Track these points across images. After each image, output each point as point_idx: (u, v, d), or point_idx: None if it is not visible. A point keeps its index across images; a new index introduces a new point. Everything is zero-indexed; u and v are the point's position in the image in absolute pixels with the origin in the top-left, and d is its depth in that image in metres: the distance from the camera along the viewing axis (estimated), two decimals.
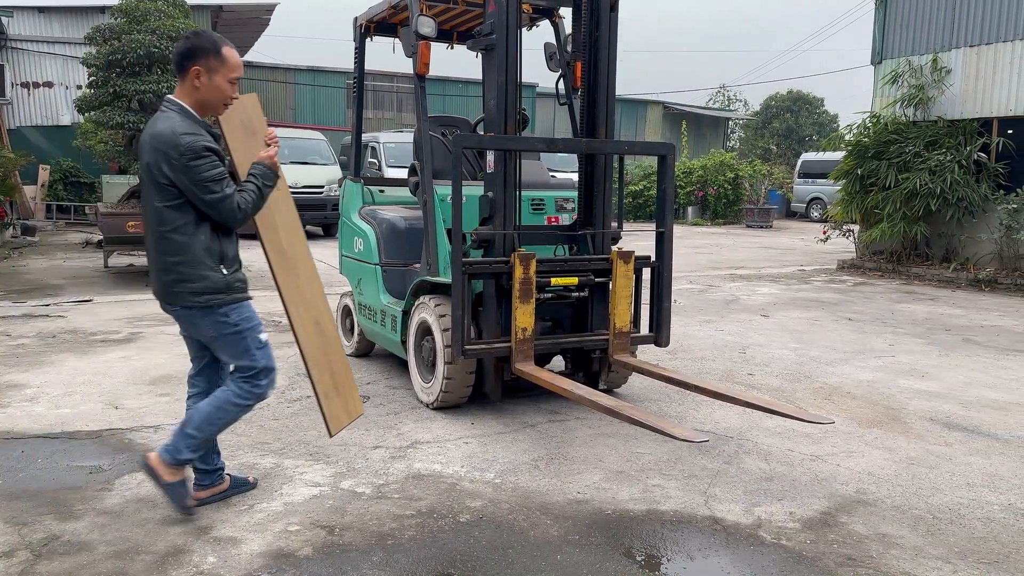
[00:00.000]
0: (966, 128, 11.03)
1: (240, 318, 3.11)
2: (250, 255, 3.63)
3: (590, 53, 4.61)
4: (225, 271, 3.08)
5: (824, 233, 13.21)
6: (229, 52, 3.08)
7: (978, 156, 10.87)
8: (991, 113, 10.92)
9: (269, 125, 3.46)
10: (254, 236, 3.29)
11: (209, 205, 2.99)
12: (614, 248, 4.61)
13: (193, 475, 3.35)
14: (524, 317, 4.23)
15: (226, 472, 3.47)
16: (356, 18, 5.80)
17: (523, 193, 4.63)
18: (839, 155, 13.18)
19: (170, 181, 2.96)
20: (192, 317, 3.11)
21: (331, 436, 3.56)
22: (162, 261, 3.06)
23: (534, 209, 5.07)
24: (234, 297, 3.10)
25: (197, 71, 3.02)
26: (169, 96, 3.12)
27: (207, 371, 3.39)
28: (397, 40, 5.23)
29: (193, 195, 2.97)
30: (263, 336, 3.20)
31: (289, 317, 3.36)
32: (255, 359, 3.15)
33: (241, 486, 3.49)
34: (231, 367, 3.25)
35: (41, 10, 18.99)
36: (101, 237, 10.84)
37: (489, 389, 4.58)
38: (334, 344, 3.59)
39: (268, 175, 3.14)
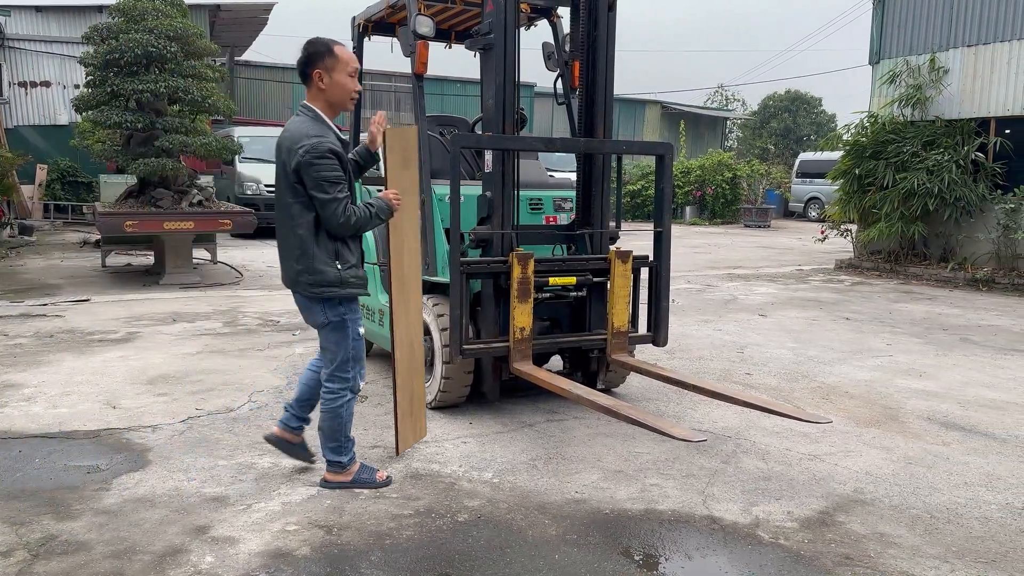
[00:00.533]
0: (964, 128, 11.04)
1: (348, 308, 3.42)
2: (248, 254, 3.79)
3: (588, 53, 4.61)
4: (340, 267, 3.34)
5: (822, 233, 13.22)
6: (340, 49, 3.35)
7: (976, 156, 10.89)
8: (989, 113, 10.94)
9: (267, 126, 3.63)
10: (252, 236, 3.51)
11: (320, 204, 3.22)
12: (612, 248, 4.61)
13: (284, 414, 3.70)
14: (522, 317, 4.23)
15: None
16: (354, 17, 5.79)
17: (521, 193, 4.63)
18: (837, 155, 13.19)
19: (298, 179, 3.23)
20: (308, 303, 3.41)
21: (398, 454, 3.83)
22: (290, 252, 3.37)
23: (532, 209, 5.07)
24: (347, 292, 3.37)
25: (319, 74, 3.31)
26: (304, 102, 3.40)
27: None
28: (395, 40, 5.22)
29: (311, 192, 3.22)
30: (361, 330, 3.50)
31: (393, 337, 3.72)
32: (348, 348, 3.44)
33: (304, 453, 3.76)
34: (321, 373, 3.55)
35: (39, 9, 18.95)
36: (99, 237, 10.84)
37: (487, 389, 4.58)
38: (419, 368, 3.95)
39: (384, 210, 3.43)
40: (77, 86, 17.20)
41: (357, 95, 3.43)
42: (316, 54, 3.30)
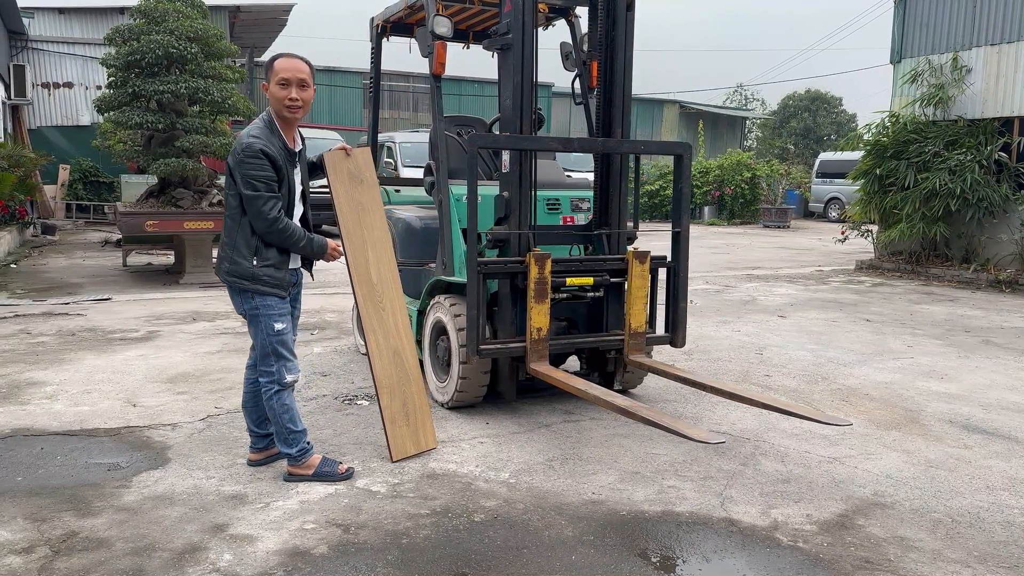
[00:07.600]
0: (986, 127, 10.92)
1: (260, 303, 3.50)
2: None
3: (606, 52, 4.60)
4: (256, 262, 3.46)
5: (842, 233, 13.11)
6: (280, 61, 3.49)
7: (999, 156, 10.77)
8: (1012, 112, 10.80)
9: None
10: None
11: (246, 200, 3.39)
12: (630, 248, 4.60)
13: (250, 440, 3.83)
14: (539, 317, 4.22)
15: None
16: (372, 18, 5.81)
17: (538, 193, 4.62)
18: (857, 155, 13.08)
19: (230, 172, 3.44)
20: (231, 293, 3.58)
21: (392, 460, 3.84)
22: (221, 239, 3.58)
23: (549, 209, 5.07)
24: (255, 288, 3.48)
25: (264, 85, 3.52)
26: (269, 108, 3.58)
27: None
28: (413, 40, 5.24)
29: (240, 189, 3.39)
30: (278, 325, 3.53)
31: (367, 343, 3.88)
32: (264, 342, 3.53)
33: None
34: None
35: (61, 11, 19.17)
36: (120, 236, 10.96)
37: (504, 389, 4.58)
38: (413, 376, 4.00)
39: (319, 246, 3.57)
40: (99, 87, 17.42)
41: (290, 102, 3.42)
42: (266, 67, 3.51)
